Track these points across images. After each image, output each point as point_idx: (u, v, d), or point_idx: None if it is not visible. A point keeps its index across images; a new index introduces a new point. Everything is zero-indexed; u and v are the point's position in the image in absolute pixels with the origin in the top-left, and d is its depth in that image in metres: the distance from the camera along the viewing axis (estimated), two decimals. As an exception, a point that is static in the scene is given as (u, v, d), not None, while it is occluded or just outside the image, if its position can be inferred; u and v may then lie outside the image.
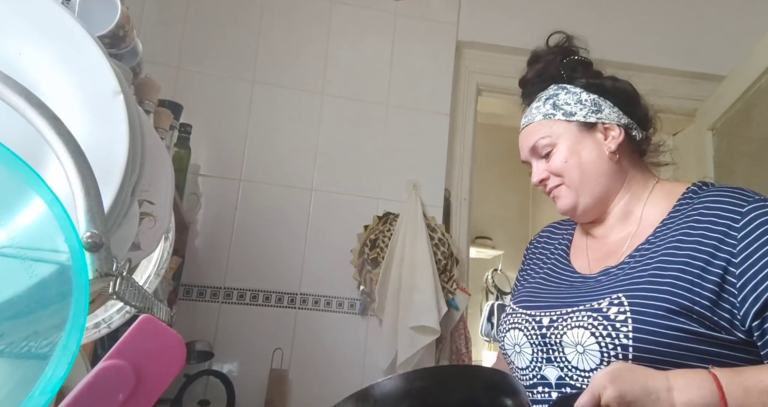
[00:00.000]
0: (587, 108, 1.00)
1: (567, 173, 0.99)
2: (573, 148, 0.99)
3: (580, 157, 0.98)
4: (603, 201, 1.00)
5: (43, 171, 0.50)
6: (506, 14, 2.53)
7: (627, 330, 0.81)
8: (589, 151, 0.99)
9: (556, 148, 0.99)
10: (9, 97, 0.43)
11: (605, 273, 0.94)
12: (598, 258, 1.00)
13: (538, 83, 1.07)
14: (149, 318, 0.43)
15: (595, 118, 1.00)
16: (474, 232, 3.46)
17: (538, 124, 1.02)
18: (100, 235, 0.41)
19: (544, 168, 1.02)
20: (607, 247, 1.00)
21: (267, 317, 2.11)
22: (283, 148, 2.26)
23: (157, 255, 1.07)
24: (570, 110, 1.00)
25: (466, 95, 2.51)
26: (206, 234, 2.15)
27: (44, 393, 0.33)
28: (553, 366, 0.88)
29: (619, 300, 0.84)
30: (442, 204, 2.33)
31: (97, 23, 0.76)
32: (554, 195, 1.02)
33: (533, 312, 0.95)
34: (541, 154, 1.01)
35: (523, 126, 1.06)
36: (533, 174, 1.04)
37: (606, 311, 0.84)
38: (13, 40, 0.56)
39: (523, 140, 1.05)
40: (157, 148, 0.90)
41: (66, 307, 0.36)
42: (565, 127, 1.00)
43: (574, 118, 1.00)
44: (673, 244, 0.88)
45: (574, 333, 0.86)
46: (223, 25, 2.30)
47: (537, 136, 1.01)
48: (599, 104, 1.01)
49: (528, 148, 1.03)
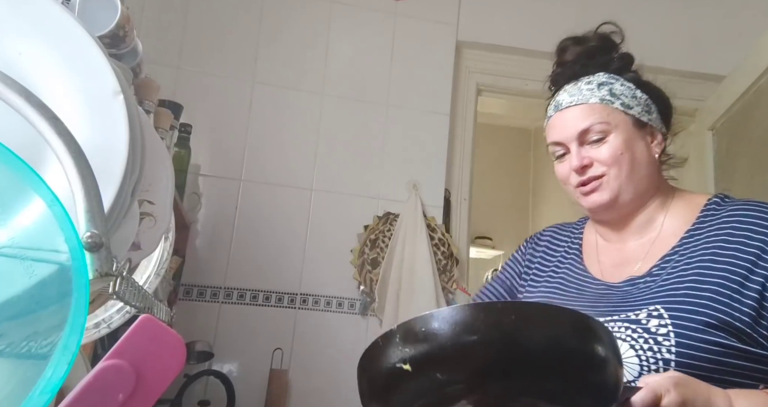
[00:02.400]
0: (641, 106, 0.95)
1: (618, 165, 0.92)
2: (628, 142, 0.93)
3: (633, 152, 0.93)
4: (639, 203, 0.96)
5: (43, 171, 0.50)
6: (506, 14, 2.53)
7: (669, 344, 0.78)
8: (641, 149, 0.94)
9: (611, 137, 0.92)
10: (9, 97, 0.43)
11: (632, 283, 0.91)
12: (614, 264, 0.97)
13: (586, 66, 0.99)
14: (149, 318, 0.43)
15: (647, 118, 0.96)
16: (474, 232, 3.46)
17: (594, 106, 0.94)
18: (100, 235, 0.41)
19: (589, 155, 0.93)
20: (623, 254, 0.97)
21: (267, 317, 2.11)
22: (283, 148, 2.26)
23: (157, 255, 1.07)
24: (628, 102, 0.94)
25: (466, 95, 2.51)
26: (206, 234, 2.15)
27: (44, 393, 0.33)
28: None
29: (658, 313, 0.81)
30: (442, 205, 2.33)
31: (97, 23, 0.76)
32: (592, 187, 0.94)
33: None
34: (590, 140, 0.93)
35: (569, 104, 0.96)
36: (574, 158, 0.94)
37: (645, 323, 0.81)
38: (13, 40, 0.56)
39: (570, 120, 0.95)
40: (157, 148, 0.90)
41: (66, 307, 0.36)
42: (623, 119, 0.93)
43: (631, 112, 0.94)
44: (708, 257, 0.85)
45: None
46: (223, 25, 2.30)
47: (593, 120, 0.93)
48: (650, 106, 0.97)
49: (577, 129, 0.94)
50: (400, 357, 0.52)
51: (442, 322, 0.51)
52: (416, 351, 0.51)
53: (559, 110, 0.97)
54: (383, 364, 0.53)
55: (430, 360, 0.51)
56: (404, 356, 0.52)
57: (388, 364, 0.52)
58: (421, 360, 0.51)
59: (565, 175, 0.97)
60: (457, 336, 0.51)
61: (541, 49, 2.49)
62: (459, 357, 0.51)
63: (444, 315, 0.52)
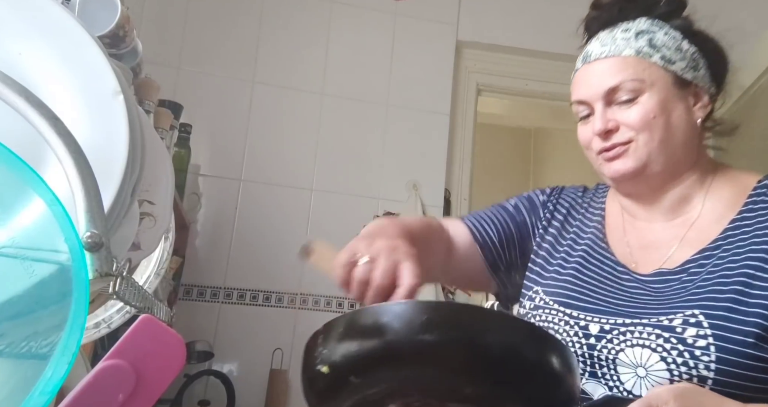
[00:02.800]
0: (686, 60, 0.80)
1: (649, 130, 0.78)
2: (664, 103, 0.78)
3: (669, 116, 0.78)
4: (671, 176, 0.81)
5: (43, 171, 0.50)
6: (506, 14, 2.53)
7: (709, 359, 0.66)
8: (679, 113, 0.79)
9: (644, 98, 0.78)
10: (9, 97, 0.43)
11: (663, 278, 0.77)
12: (641, 246, 0.83)
13: (625, 10, 0.83)
14: (149, 318, 0.43)
15: (692, 75, 0.80)
16: (474, 232, 3.45)
17: (628, 60, 0.79)
18: (100, 235, 0.41)
19: (616, 117, 0.79)
20: (652, 236, 0.83)
21: (267, 317, 2.11)
22: (283, 148, 2.26)
23: (157, 255, 1.07)
24: (669, 56, 0.79)
25: (466, 95, 2.51)
26: (206, 234, 2.15)
27: (44, 393, 0.33)
28: (598, 383, 0.73)
29: (696, 320, 0.69)
30: (442, 205, 2.33)
31: (97, 23, 0.76)
32: (615, 153, 0.80)
33: (575, 313, 0.78)
34: (618, 100, 0.79)
35: (598, 56, 0.82)
36: (597, 120, 0.80)
37: (681, 332, 0.69)
38: (13, 40, 0.56)
39: (597, 75, 0.81)
40: (157, 148, 0.90)
41: (66, 307, 0.36)
42: (661, 76, 0.79)
43: (673, 68, 0.79)
44: (759, 254, 0.72)
45: (636, 353, 0.70)
46: (223, 25, 2.29)
47: (625, 76, 0.79)
48: (697, 61, 0.81)
49: (604, 87, 0.80)
50: (319, 359, 0.49)
51: (370, 321, 0.48)
52: (331, 352, 0.49)
53: (587, 62, 0.84)
54: (305, 365, 0.52)
55: (348, 362, 0.48)
56: (322, 358, 0.49)
57: (309, 366, 0.50)
58: (339, 363, 0.48)
59: (587, 139, 0.83)
60: (375, 338, 0.47)
61: (541, 49, 2.51)
62: (378, 360, 0.47)
63: (372, 313, 0.49)
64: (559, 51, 2.46)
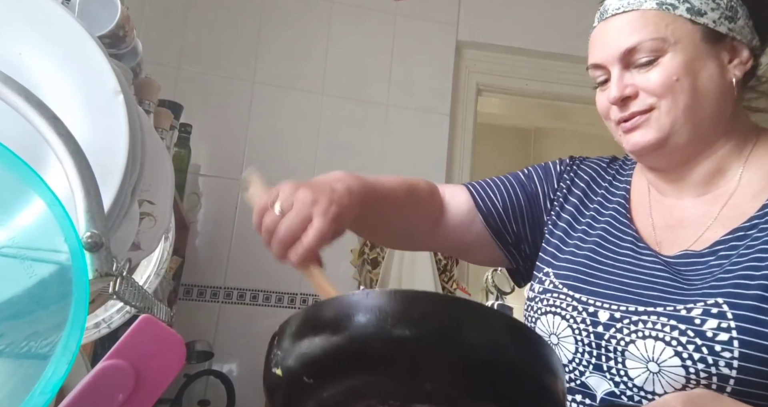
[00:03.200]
0: (720, 9, 0.69)
1: (672, 95, 0.68)
2: (690, 63, 0.68)
3: (696, 78, 0.68)
4: (700, 147, 0.71)
5: (43, 171, 0.50)
6: (506, 14, 2.53)
7: (731, 356, 0.58)
8: (709, 73, 0.69)
9: (666, 58, 0.68)
10: (9, 97, 0.43)
11: (687, 260, 0.68)
12: (667, 225, 0.74)
13: None
14: (149, 318, 0.43)
15: (727, 27, 0.69)
16: (474, 232, 3.46)
17: (648, 15, 0.69)
18: (100, 235, 0.41)
19: (634, 82, 0.70)
20: (680, 213, 0.74)
21: (267, 317, 2.11)
22: (283, 148, 2.26)
23: (157, 255, 1.07)
24: (698, 7, 0.69)
25: (466, 95, 2.51)
26: (206, 234, 2.15)
27: (44, 393, 0.33)
28: (602, 376, 0.66)
29: (719, 310, 0.60)
30: (442, 204, 2.33)
31: (97, 23, 0.76)
32: (634, 123, 0.71)
33: (584, 297, 0.70)
34: (637, 61, 0.70)
35: (615, 11, 0.72)
36: (613, 86, 0.71)
37: (700, 324, 0.60)
38: (13, 40, 0.56)
39: (613, 33, 0.72)
40: (157, 148, 0.90)
41: (66, 307, 0.36)
42: (687, 31, 0.68)
43: (702, 20, 0.68)
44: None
45: (648, 346, 0.63)
46: (223, 25, 2.29)
47: (644, 34, 0.69)
48: (735, 9, 0.70)
49: (620, 48, 0.70)
50: (273, 361, 0.47)
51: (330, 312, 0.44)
52: (284, 353, 0.46)
53: (603, 19, 0.73)
54: (263, 369, 0.48)
55: (300, 363, 0.44)
56: (276, 359, 0.46)
57: (265, 369, 0.47)
58: (291, 364, 0.45)
59: (605, 107, 0.74)
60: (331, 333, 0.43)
61: (541, 49, 2.51)
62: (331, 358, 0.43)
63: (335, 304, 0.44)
64: (559, 51, 2.46)
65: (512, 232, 0.86)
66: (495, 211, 0.85)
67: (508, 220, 0.85)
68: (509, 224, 0.85)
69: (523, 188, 0.87)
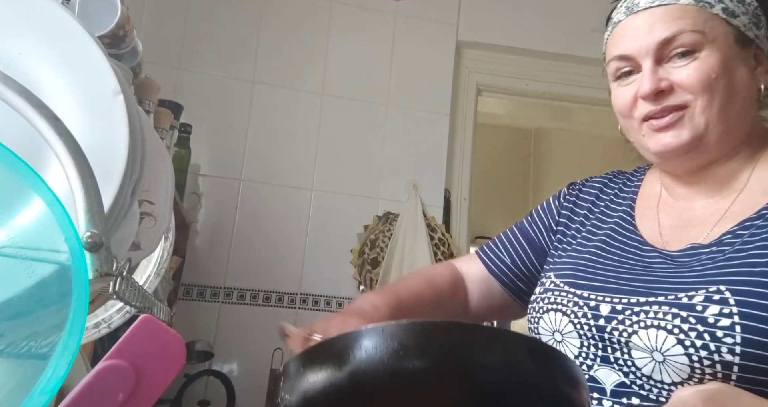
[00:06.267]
0: (749, 15, 0.69)
1: (710, 93, 0.66)
2: (727, 62, 0.66)
3: (732, 78, 0.67)
4: (725, 148, 0.70)
5: (43, 171, 0.50)
6: (506, 14, 2.53)
7: (733, 342, 0.57)
8: (741, 75, 0.67)
9: (705, 53, 0.66)
10: (9, 97, 0.43)
11: (692, 252, 0.68)
12: (676, 226, 0.73)
13: None
14: (149, 318, 0.43)
15: (754, 33, 0.69)
16: (474, 232, 3.46)
17: (687, 8, 0.67)
18: (100, 235, 0.41)
19: (669, 76, 0.67)
20: (689, 214, 0.73)
21: (267, 317, 2.11)
22: (283, 148, 2.26)
23: (157, 255, 1.07)
24: (732, 8, 0.68)
25: (466, 95, 2.51)
26: (206, 234, 2.15)
27: (44, 393, 0.33)
28: (611, 368, 0.66)
29: (721, 296, 0.60)
30: (442, 205, 2.33)
31: (97, 23, 0.76)
32: (669, 121, 0.68)
33: (585, 293, 0.70)
34: (672, 54, 0.67)
35: (650, 3, 0.69)
36: (646, 79, 0.68)
37: (702, 311, 0.60)
38: (13, 39, 0.56)
39: (647, 25, 0.69)
40: (157, 148, 0.90)
41: (66, 307, 0.36)
42: (723, 30, 0.67)
43: (735, 22, 0.68)
44: None
45: (650, 335, 0.62)
46: (223, 25, 2.29)
47: (684, 25, 0.66)
48: (759, 17, 0.70)
49: (658, 37, 0.67)
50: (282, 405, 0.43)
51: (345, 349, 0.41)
52: (291, 396, 0.42)
53: (633, 13, 0.70)
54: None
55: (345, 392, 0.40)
56: (285, 403, 0.42)
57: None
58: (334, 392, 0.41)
59: (627, 103, 0.71)
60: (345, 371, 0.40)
61: (541, 49, 2.51)
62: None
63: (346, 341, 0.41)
64: (559, 51, 2.47)
65: (524, 277, 0.88)
66: (507, 269, 0.88)
67: (520, 272, 0.88)
68: (521, 276, 0.88)
69: (527, 236, 0.88)
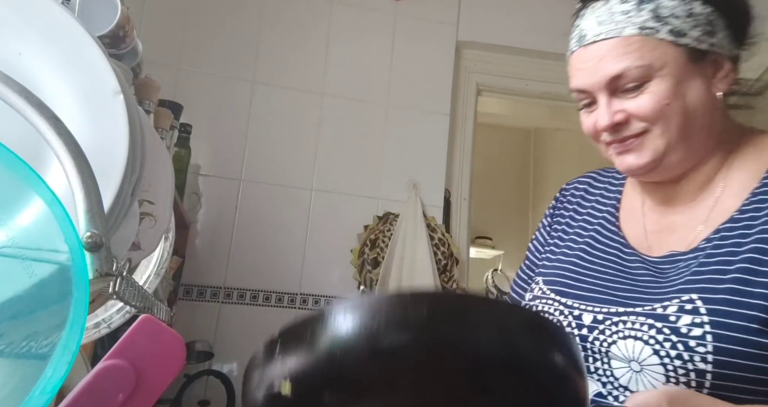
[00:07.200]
0: (700, 27, 0.68)
1: (665, 119, 0.68)
2: (678, 86, 0.67)
3: (685, 98, 0.68)
4: (693, 161, 0.72)
5: (43, 171, 0.50)
6: (506, 14, 2.53)
7: (705, 350, 0.59)
8: (696, 91, 0.68)
9: (654, 83, 0.67)
10: (9, 97, 0.43)
11: (672, 259, 0.69)
12: (657, 230, 0.75)
13: None
14: (149, 318, 0.43)
15: (708, 44, 0.69)
16: (474, 232, 3.46)
17: (631, 41, 0.68)
18: (100, 235, 0.41)
19: (624, 107, 0.69)
20: (671, 218, 0.74)
21: (267, 317, 2.11)
22: (283, 148, 2.26)
23: (157, 255, 1.07)
24: (680, 27, 0.67)
25: (466, 95, 2.51)
26: (206, 234, 2.15)
27: (44, 393, 0.33)
28: (591, 378, 0.68)
29: (692, 305, 0.61)
30: (442, 205, 2.33)
31: (97, 23, 0.76)
32: (628, 147, 0.70)
33: (570, 302, 0.72)
34: (623, 88, 0.69)
35: (596, 37, 0.70)
36: (602, 113, 0.70)
37: (674, 321, 0.61)
38: (13, 40, 0.56)
39: (595, 60, 0.70)
40: (157, 148, 0.90)
41: (66, 307, 0.36)
42: (671, 55, 0.67)
43: (684, 41, 0.68)
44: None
45: (627, 346, 0.64)
46: (223, 25, 2.29)
47: (628, 62, 0.67)
48: (713, 24, 0.69)
49: (606, 75, 0.69)
50: (278, 376, 0.41)
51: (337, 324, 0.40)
52: (297, 364, 0.40)
53: (582, 45, 0.72)
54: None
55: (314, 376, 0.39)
56: (283, 373, 0.40)
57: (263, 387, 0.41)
58: (303, 377, 0.39)
59: (591, 131, 0.74)
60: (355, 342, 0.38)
61: (541, 49, 2.51)
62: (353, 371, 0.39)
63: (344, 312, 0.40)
64: (559, 51, 2.45)
65: None
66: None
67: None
68: None
69: (534, 263, 0.89)
